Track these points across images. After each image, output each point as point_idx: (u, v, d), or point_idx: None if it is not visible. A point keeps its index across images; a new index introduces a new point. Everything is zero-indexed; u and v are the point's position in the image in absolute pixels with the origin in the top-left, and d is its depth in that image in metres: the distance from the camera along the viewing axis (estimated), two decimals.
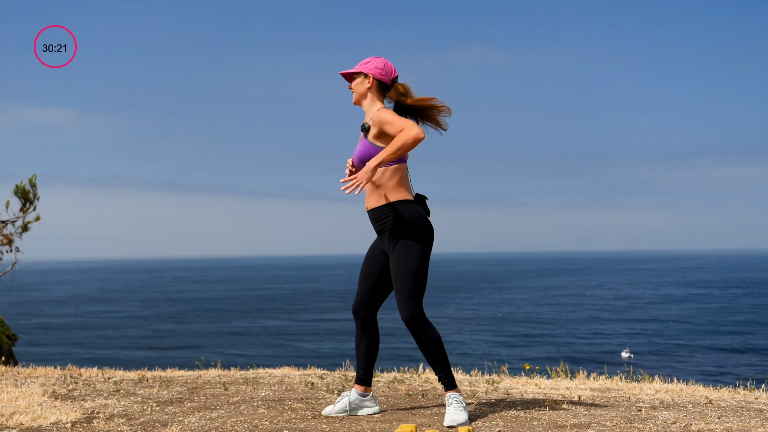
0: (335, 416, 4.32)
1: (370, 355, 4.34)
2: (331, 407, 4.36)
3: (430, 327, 4.12)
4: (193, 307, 66.63)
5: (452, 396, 4.13)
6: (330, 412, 4.35)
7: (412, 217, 4.13)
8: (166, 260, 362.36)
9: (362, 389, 4.36)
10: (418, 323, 4.07)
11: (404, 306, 4.08)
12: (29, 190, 7.82)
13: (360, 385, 4.36)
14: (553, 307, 61.55)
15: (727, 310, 56.67)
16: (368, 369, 4.35)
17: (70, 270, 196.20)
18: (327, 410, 4.37)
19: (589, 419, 4.16)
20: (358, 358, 4.35)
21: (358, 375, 4.37)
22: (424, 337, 4.10)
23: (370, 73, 4.27)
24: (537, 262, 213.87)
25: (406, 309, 4.07)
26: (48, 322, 54.57)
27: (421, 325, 4.08)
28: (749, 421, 4.17)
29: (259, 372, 6.61)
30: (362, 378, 4.36)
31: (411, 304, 4.07)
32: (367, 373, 4.36)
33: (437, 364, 4.14)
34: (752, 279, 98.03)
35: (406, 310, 4.07)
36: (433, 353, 4.11)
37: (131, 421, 4.25)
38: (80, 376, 6.42)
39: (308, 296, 79.10)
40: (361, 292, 4.32)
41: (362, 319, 4.32)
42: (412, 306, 4.07)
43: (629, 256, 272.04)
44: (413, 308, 4.07)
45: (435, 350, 4.11)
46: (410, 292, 4.08)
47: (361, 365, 4.35)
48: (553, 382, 5.95)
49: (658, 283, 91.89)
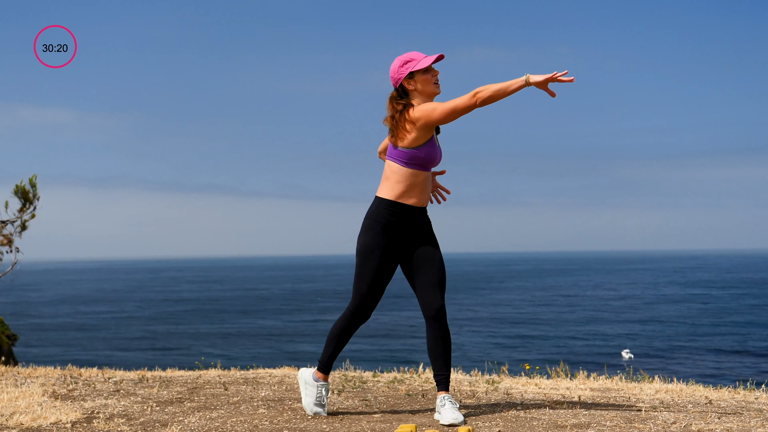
0: (335, 416, 4.32)
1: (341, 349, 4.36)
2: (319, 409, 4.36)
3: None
4: (192, 307, 66.59)
5: (446, 397, 4.14)
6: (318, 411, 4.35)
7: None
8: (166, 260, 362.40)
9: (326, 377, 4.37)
10: (446, 313, 4.19)
11: (442, 295, 4.17)
12: (29, 190, 7.83)
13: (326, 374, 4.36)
14: (553, 307, 61.52)
15: (727, 310, 56.64)
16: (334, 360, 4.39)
17: (70, 270, 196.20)
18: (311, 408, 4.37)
19: (589, 419, 4.16)
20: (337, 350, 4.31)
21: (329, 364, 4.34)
22: (447, 329, 4.19)
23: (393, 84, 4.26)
24: (537, 262, 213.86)
25: (443, 297, 4.17)
26: (48, 322, 54.55)
27: (446, 316, 4.20)
28: (749, 421, 4.17)
29: (259, 372, 6.61)
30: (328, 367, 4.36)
31: (444, 294, 4.20)
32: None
33: (448, 360, 4.18)
34: (752, 279, 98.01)
35: (442, 299, 4.17)
36: (449, 349, 4.18)
37: (131, 421, 4.26)
38: (80, 376, 6.42)
39: (308, 296, 79.08)
40: (375, 301, 4.27)
41: (362, 322, 4.32)
42: (444, 295, 4.20)
43: (629, 256, 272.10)
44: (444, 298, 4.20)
45: (450, 345, 4.20)
46: (445, 282, 4.22)
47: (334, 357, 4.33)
48: (553, 382, 5.95)
49: (658, 283, 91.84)
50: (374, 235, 4.18)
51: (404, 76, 4.18)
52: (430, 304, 4.12)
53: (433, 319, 4.14)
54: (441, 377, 4.17)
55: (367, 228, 4.22)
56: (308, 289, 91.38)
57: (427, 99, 4.18)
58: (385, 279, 4.24)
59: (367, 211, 4.26)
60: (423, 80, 4.16)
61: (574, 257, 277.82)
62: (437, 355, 4.15)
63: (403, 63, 4.18)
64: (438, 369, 4.18)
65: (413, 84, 4.18)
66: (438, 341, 4.14)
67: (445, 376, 4.17)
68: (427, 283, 4.15)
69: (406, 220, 4.19)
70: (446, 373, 4.17)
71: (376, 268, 4.20)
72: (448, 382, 4.18)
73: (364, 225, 4.24)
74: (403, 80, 4.19)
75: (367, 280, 4.19)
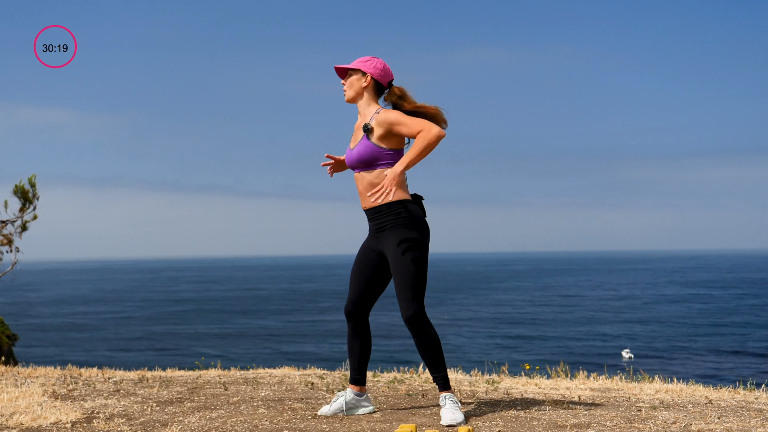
0: (335, 416, 4.32)
1: (364, 355, 4.34)
2: (327, 407, 4.37)
3: (431, 326, 4.13)
4: (192, 307, 66.61)
5: (447, 396, 4.14)
6: (326, 412, 4.35)
7: (412, 216, 4.13)
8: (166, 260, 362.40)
9: (357, 389, 4.37)
10: (419, 322, 4.08)
11: (407, 305, 4.08)
12: (29, 190, 7.83)
13: (355, 385, 4.37)
14: (553, 307, 61.52)
15: (727, 310, 56.65)
16: (362, 369, 4.36)
17: (70, 270, 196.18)
18: (323, 410, 4.37)
19: (589, 419, 4.16)
20: (352, 359, 4.37)
21: (353, 375, 4.38)
22: (425, 335, 4.11)
23: (369, 72, 4.23)
24: (537, 262, 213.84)
25: (408, 308, 4.07)
26: (48, 322, 54.55)
27: (423, 324, 4.09)
28: (749, 421, 4.17)
29: (259, 372, 6.61)
30: (357, 378, 4.37)
31: (413, 303, 4.07)
32: (361, 374, 4.37)
33: (435, 365, 4.15)
34: (752, 279, 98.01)
35: (408, 309, 4.07)
36: (432, 353, 4.12)
37: (131, 421, 4.25)
38: (80, 376, 6.42)
39: (308, 296, 79.09)
40: (353, 293, 4.30)
41: (355, 321, 4.32)
42: (414, 305, 4.07)
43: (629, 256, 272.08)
44: (415, 307, 4.07)
45: (434, 350, 4.12)
46: (412, 291, 4.08)
47: (354, 366, 4.36)
48: (553, 382, 5.95)
49: (658, 283, 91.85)
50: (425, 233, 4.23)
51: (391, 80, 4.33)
52: (402, 315, 4.15)
53: (408, 328, 4.15)
54: (436, 378, 4.19)
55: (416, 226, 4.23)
56: (308, 290, 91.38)
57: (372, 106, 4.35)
58: (359, 277, 4.28)
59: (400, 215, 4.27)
60: None
61: (574, 257, 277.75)
62: (424, 360, 4.20)
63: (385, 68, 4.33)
64: (431, 371, 4.21)
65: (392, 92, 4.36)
66: (419, 347, 4.15)
67: (438, 377, 4.17)
68: (397, 295, 4.15)
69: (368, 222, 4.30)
70: (439, 374, 4.17)
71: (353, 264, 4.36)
72: (445, 381, 4.18)
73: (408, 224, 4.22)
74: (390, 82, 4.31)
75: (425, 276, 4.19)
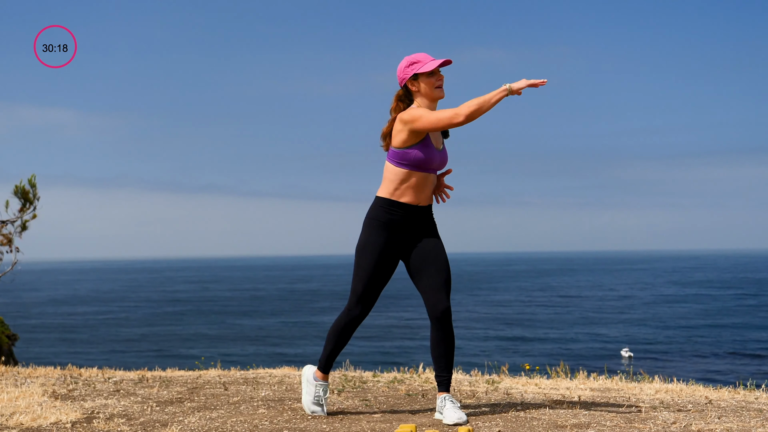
0: (335, 416, 4.32)
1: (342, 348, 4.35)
2: (319, 408, 4.35)
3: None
4: (193, 307, 66.61)
5: (447, 397, 4.15)
6: (321, 412, 4.34)
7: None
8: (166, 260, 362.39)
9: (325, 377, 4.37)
10: (450, 317, 4.16)
11: (446, 298, 4.16)
12: (29, 190, 7.83)
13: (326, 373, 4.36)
14: (553, 307, 61.52)
15: (727, 310, 56.66)
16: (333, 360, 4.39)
17: (70, 270, 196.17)
18: (317, 411, 4.35)
19: (589, 419, 4.16)
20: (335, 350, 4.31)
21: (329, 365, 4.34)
22: (451, 331, 4.17)
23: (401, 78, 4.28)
24: (537, 262, 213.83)
25: (446, 300, 4.16)
26: (48, 322, 54.53)
27: (451, 319, 4.17)
28: (749, 421, 4.17)
29: (259, 372, 6.61)
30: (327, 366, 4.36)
31: (449, 297, 4.18)
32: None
33: (449, 364, 4.18)
34: (752, 279, 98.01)
35: (446, 302, 4.15)
36: (452, 351, 4.18)
37: (131, 421, 4.25)
38: (80, 376, 6.42)
39: (308, 296, 79.08)
40: (373, 298, 4.26)
41: (359, 320, 4.32)
42: (449, 299, 4.18)
43: (629, 256, 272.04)
44: (449, 301, 4.17)
45: (453, 349, 4.18)
46: (450, 285, 4.20)
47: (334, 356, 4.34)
48: (553, 382, 5.95)
49: (658, 283, 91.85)
50: (370, 233, 4.20)
51: (409, 76, 4.19)
52: (435, 306, 4.11)
53: (438, 320, 4.12)
54: (442, 378, 4.17)
55: (364, 226, 4.25)
56: (308, 290, 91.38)
57: (429, 102, 4.19)
58: (381, 278, 4.22)
59: (367, 210, 4.28)
60: (426, 83, 4.17)
61: (574, 257, 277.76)
62: (440, 357, 4.15)
63: (409, 63, 4.19)
64: (440, 370, 4.18)
65: (416, 85, 4.19)
66: (441, 343, 4.14)
67: (446, 377, 4.17)
68: (433, 285, 4.14)
69: (403, 218, 4.19)
70: (447, 375, 4.17)
71: (371, 265, 4.20)
72: (449, 383, 4.19)
73: (363, 224, 4.27)
74: (407, 81, 4.20)
75: (363, 278, 4.19)
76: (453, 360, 4.19)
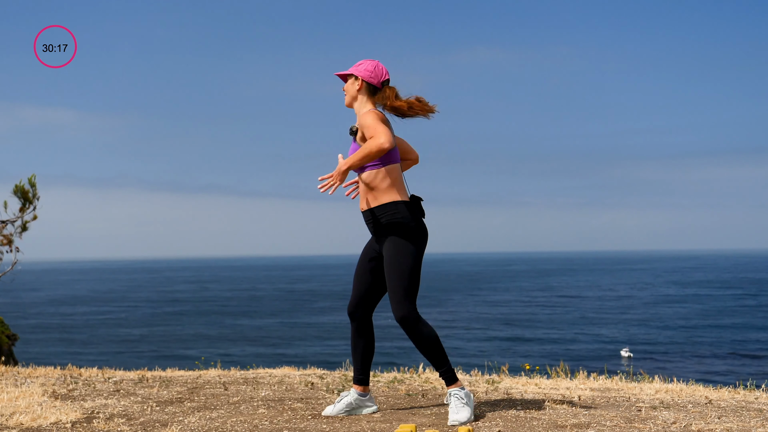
0: (335, 416, 4.33)
1: (367, 355, 4.37)
2: (332, 407, 4.38)
3: (424, 324, 4.15)
4: (192, 308, 66.61)
5: (453, 392, 4.16)
6: (330, 412, 4.35)
7: (406, 218, 4.15)
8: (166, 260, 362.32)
9: (361, 389, 4.38)
10: (411, 322, 4.11)
11: (398, 306, 4.12)
12: (29, 190, 7.82)
13: (359, 385, 4.38)
14: (553, 307, 61.53)
15: (727, 310, 56.66)
16: (365, 369, 4.38)
17: (70, 270, 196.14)
18: (327, 410, 4.37)
19: (589, 419, 4.16)
20: (355, 359, 4.39)
21: (356, 375, 4.39)
22: (419, 334, 4.13)
23: (360, 75, 4.28)
24: (536, 262, 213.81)
25: (399, 309, 4.11)
26: (48, 322, 54.53)
27: (415, 323, 4.12)
28: (749, 421, 4.17)
29: (259, 372, 6.61)
30: (360, 378, 4.38)
31: (404, 304, 4.11)
32: (365, 374, 4.38)
33: (435, 360, 4.18)
34: (752, 279, 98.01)
35: (399, 310, 4.11)
36: (430, 349, 4.15)
37: (131, 421, 4.25)
38: (80, 376, 6.42)
39: (308, 296, 79.08)
40: (356, 293, 4.34)
41: (358, 321, 4.33)
42: (405, 306, 4.11)
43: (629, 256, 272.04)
44: (407, 308, 4.10)
45: (431, 346, 4.14)
46: (404, 291, 4.11)
47: (358, 366, 4.38)
48: (553, 382, 5.95)
49: (658, 283, 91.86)
50: None
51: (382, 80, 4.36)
52: (394, 316, 4.17)
53: (402, 328, 4.19)
54: (440, 374, 4.23)
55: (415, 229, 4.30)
56: (307, 290, 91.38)
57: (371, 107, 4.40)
58: (362, 277, 4.32)
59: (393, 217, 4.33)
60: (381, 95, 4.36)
61: (574, 257, 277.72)
62: (425, 357, 4.23)
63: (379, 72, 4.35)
64: (434, 368, 4.26)
65: None
66: (416, 346, 4.20)
67: (440, 372, 4.20)
68: (389, 296, 4.21)
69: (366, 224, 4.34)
70: (441, 370, 4.20)
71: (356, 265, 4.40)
72: (449, 376, 4.19)
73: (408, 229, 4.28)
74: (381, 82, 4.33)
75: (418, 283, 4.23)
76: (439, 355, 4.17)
